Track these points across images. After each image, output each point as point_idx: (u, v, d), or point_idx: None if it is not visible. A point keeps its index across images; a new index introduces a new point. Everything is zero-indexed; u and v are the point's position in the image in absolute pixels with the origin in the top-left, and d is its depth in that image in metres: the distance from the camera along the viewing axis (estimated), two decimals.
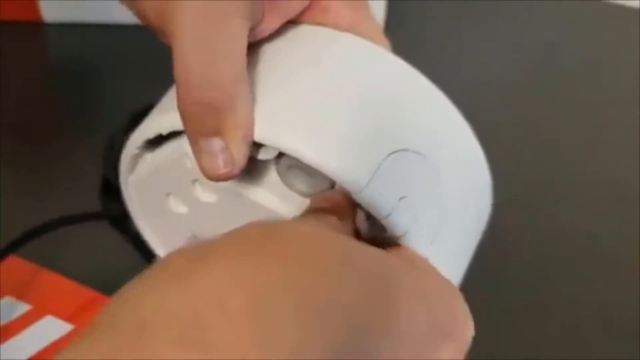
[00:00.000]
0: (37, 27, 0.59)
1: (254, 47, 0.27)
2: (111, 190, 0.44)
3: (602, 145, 0.51)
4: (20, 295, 0.39)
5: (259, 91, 0.26)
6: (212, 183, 0.28)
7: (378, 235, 0.27)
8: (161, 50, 0.26)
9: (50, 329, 0.37)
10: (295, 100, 0.25)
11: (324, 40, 0.28)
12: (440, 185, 0.27)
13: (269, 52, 0.27)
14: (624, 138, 0.51)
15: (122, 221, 0.41)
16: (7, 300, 0.39)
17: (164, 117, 0.27)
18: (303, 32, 0.28)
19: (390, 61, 0.28)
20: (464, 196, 0.28)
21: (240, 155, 0.25)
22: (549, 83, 0.56)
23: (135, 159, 0.31)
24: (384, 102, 0.26)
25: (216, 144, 0.24)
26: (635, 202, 0.45)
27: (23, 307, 0.38)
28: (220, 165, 0.25)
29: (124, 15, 0.56)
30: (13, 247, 0.38)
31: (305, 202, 0.28)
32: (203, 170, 0.25)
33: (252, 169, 0.28)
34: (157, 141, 0.30)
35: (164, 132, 0.28)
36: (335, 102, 0.26)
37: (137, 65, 0.57)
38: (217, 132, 0.24)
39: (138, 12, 0.26)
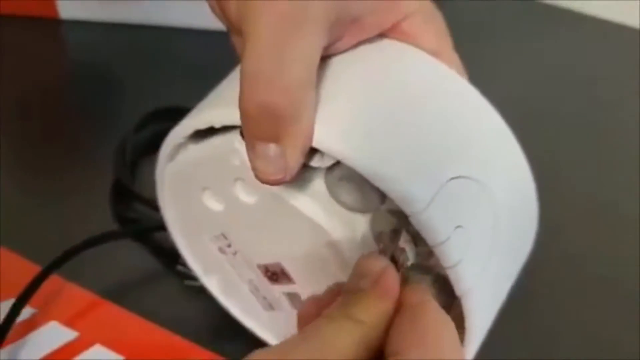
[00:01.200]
0: (53, 23, 0.59)
1: (325, 58, 0.26)
2: (122, 193, 0.43)
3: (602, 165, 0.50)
4: (66, 320, 0.37)
5: (323, 96, 0.25)
6: (256, 184, 0.27)
7: (423, 263, 0.26)
8: (176, 51, 0.26)
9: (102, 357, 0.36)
10: (359, 109, 0.24)
11: (396, 53, 0.27)
12: (496, 216, 0.26)
13: (339, 60, 0.26)
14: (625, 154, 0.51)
15: (144, 233, 0.41)
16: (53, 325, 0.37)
17: (220, 109, 0.26)
18: (377, 43, 0.27)
19: (460, 86, 0.27)
20: (515, 227, 0.28)
21: (295, 163, 0.24)
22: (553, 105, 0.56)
23: (178, 148, 0.30)
24: (450, 126, 0.25)
25: (273, 149, 0.24)
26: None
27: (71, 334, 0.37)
28: (273, 170, 0.24)
29: (141, 15, 0.58)
30: (55, 266, 0.36)
31: (350, 217, 0.27)
32: (255, 171, 0.24)
33: (299, 175, 0.27)
34: (204, 133, 0.29)
35: (217, 125, 0.27)
36: (401, 119, 0.25)
37: (153, 65, 0.56)
38: (276, 138, 0.23)
39: (220, 10, 0.25)
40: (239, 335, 0.36)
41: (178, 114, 0.30)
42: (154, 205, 0.40)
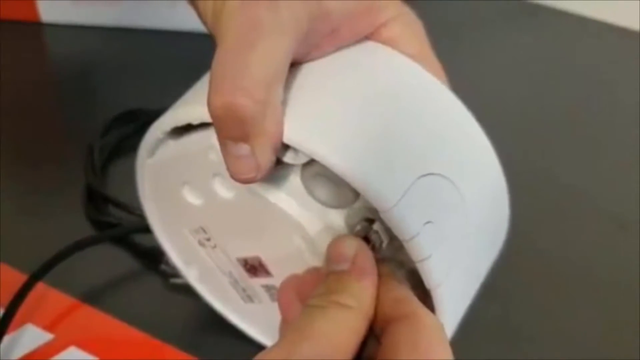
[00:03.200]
0: (35, 27, 0.59)
1: (302, 63, 0.27)
2: (94, 197, 0.44)
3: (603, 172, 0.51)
4: (41, 323, 0.37)
5: (294, 94, 0.25)
6: (234, 180, 0.28)
7: (396, 258, 0.27)
8: (156, 55, 0.26)
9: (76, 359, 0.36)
10: (331, 108, 0.25)
11: (370, 53, 0.27)
12: (465, 214, 0.26)
13: (313, 64, 0.27)
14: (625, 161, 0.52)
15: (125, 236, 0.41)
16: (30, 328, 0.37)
17: (197, 107, 0.27)
18: (354, 45, 0.28)
19: (435, 87, 0.28)
20: (485, 225, 0.28)
21: (264, 161, 0.25)
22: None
23: (158, 143, 0.30)
24: (422, 125, 0.26)
25: (243, 148, 0.24)
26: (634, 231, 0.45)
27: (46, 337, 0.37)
28: (244, 169, 0.25)
29: (122, 18, 0.59)
30: (43, 272, 0.36)
31: (325, 212, 0.27)
32: (229, 171, 0.25)
33: (276, 171, 0.27)
34: (183, 129, 0.29)
35: (195, 122, 0.27)
36: (372, 115, 0.25)
37: (133, 68, 0.56)
38: (245, 138, 0.24)
39: (198, 12, 0.26)
40: (219, 339, 0.37)
41: (140, 116, 0.30)
42: (127, 209, 0.41)
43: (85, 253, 0.38)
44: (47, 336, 0.37)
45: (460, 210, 0.26)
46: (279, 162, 0.27)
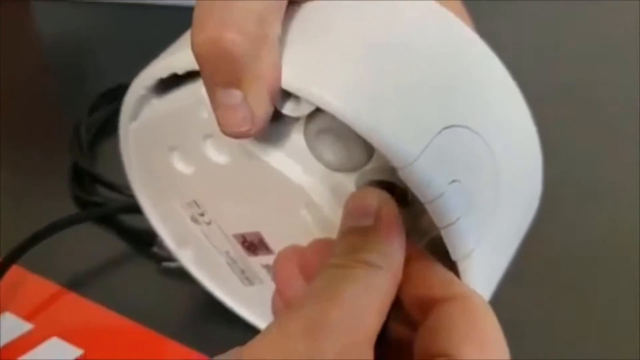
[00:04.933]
0: (23, 3, 0.58)
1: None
2: (81, 177, 0.41)
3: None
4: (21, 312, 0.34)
5: (295, 33, 0.22)
6: (228, 141, 0.24)
7: (415, 226, 0.23)
8: (146, 30, 0.23)
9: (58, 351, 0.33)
10: (339, 48, 0.21)
11: None
12: (496, 174, 0.23)
13: (319, 2, 0.23)
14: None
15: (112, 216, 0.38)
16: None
17: (182, 53, 0.23)
18: None
19: (463, 33, 0.24)
20: (517, 190, 0.25)
21: (261, 110, 0.21)
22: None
23: (141, 103, 0.27)
24: (445, 70, 0.22)
25: (234, 95, 0.21)
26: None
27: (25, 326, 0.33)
28: (238, 120, 0.21)
29: None
30: (15, 257, 0.33)
31: (333, 177, 0.24)
32: (218, 123, 0.21)
33: (277, 130, 0.24)
34: (169, 85, 0.26)
35: (180, 71, 0.23)
36: (388, 59, 0.22)
37: (123, 44, 0.54)
38: (236, 82, 0.20)
39: None
40: (218, 327, 0.33)
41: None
42: (117, 188, 0.38)
43: (69, 235, 0.35)
44: (27, 326, 0.33)
45: (490, 169, 0.23)
46: (278, 117, 0.23)
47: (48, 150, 0.45)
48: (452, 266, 0.22)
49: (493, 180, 0.23)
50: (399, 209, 0.22)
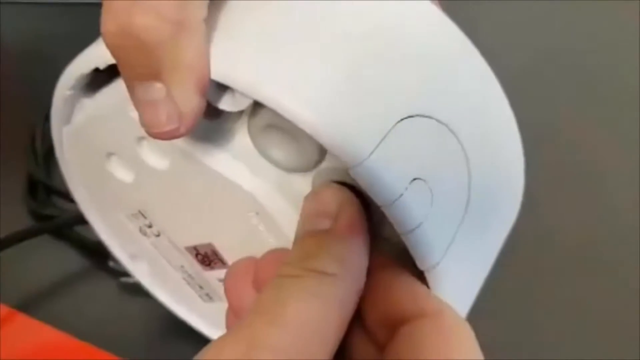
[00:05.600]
0: None
1: None
2: (37, 189, 0.38)
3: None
4: None
5: (228, 20, 0.19)
6: (163, 143, 0.21)
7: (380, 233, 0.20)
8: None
9: None
10: (276, 30, 0.19)
11: None
12: (467, 170, 0.20)
13: None
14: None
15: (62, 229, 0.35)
16: None
17: (102, 45, 0.20)
18: None
19: (431, 16, 0.21)
20: (492, 188, 0.22)
21: (188, 105, 0.18)
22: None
23: (70, 104, 0.24)
24: (404, 53, 0.19)
25: (155, 90, 0.18)
26: None
27: None
28: (161, 119, 0.18)
29: None
30: None
31: (285, 179, 0.21)
32: (142, 123, 0.18)
33: (218, 129, 0.21)
34: (99, 83, 0.23)
35: (101, 65, 0.21)
36: (334, 45, 0.19)
37: (85, 45, 0.51)
38: (155, 75, 0.18)
39: None
40: (177, 348, 0.31)
41: None
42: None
43: (21, 251, 0.32)
44: None
45: (460, 165, 0.20)
46: (219, 114, 0.21)
47: (2, 160, 0.41)
48: (421, 277, 0.19)
49: (463, 178, 0.20)
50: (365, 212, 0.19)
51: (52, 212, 0.37)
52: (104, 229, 0.29)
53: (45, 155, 0.39)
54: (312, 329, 0.16)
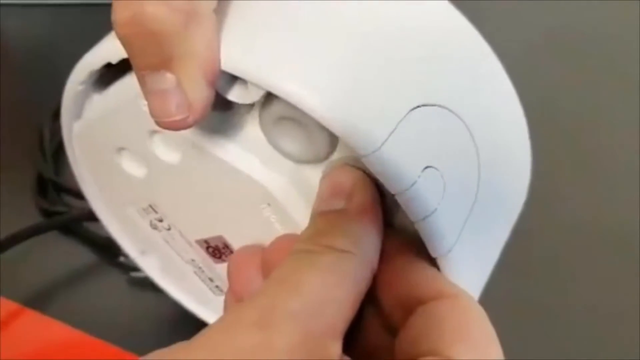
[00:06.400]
0: None
1: None
2: (46, 187, 0.38)
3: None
4: None
5: (239, 12, 0.19)
6: (175, 137, 0.22)
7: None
8: (110, 30, 0.20)
9: None
10: (289, 25, 0.19)
11: None
12: (477, 157, 0.20)
13: None
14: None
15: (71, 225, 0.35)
16: None
17: (114, 39, 0.20)
18: None
19: (440, 4, 0.21)
20: (500, 177, 0.22)
21: (197, 95, 0.18)
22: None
23: (81, 100, 0.24)
24: (417, 45, 0.20)
25: (165, 79, 0.18)
26: None
27: None
28: (171, 108, 0.18)
29: None
30: None
31: (297, 171, 0.21)
32: (152, 114, 0.19)
33: (229, 121, 0.21)
34: (110, 78, 0.23)
35: (113, 60, 0.21)
36: (346, 35, 0.19)
37: (87, 45, 0.51)
38: (166, 64, 0.18)
39: None
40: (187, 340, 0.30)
41: None
42: (83, 195, 0.35)
43: (30, 247, 0.32)
44: None
45: (470, 152, 0.20)
46: (230, 107, 0.21)
47: (11, 159, 0.42)
48: (433, 264, 0.20)
49: (473, 167, 0.20)
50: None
51: (61, 210, 0.37)
52: (114, 224, 0.29)
53: (53, 153, 0.40)
54: (328, 300, 0.16)
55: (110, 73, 0.23)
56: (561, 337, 0.31)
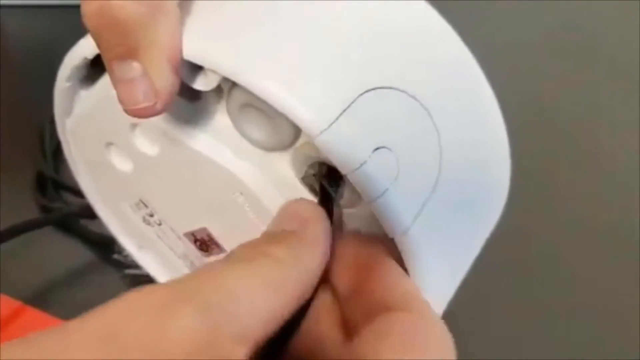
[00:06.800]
0: None
1: None
2: (46, 185, 0.39)
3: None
4: None
5: (200, 6, 0.20)
6: (152, 128, 0.23)
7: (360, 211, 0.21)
8: None
9: None
10: (242, 11, 0.20)
11: None
12: (436, 142, 0.20)
13: None
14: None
15: (68, 222, 0.36)
16: None
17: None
18: None
19: None
20: (468, 166, 0.22)
21: (162, 82, 0.19)
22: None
23: (70, 96, 0.25)
24: (368, 28, 0.20)
25: (132, 68, 0.19)
26: None
27: None
28: (138, 95, 0.19)
29: None
30: None
31: (264, 157, 0.22)
32: (120, 101, 0.20)
33: (199, 111, 0.22)
34: (96, 74, 0.24)
35: (89, 55, 0.22)
36: (299, 21, 0.19)
37: None
38: (132, 54, 0.19)
39: None
40: None
41: None
42: (82, 193, 0.36)
43: (27, 243, 0.33)
44: None
45: (430, 137, 0.20)
46: (200, 97, 0.22)
47: (12, 157, 0.43)
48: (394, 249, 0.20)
49: (434, 151, 0.20)
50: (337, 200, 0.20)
51: (58, 205, 0.38)
52: (111, 220, 0.30)
53: (53, 152, 0.41)
54: (246, 302, 0.16)
55: (97, 70, 0.24)
56: (561, 337, 0.30)
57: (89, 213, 0.31)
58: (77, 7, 0.19)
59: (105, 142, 0.25)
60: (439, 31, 0.22)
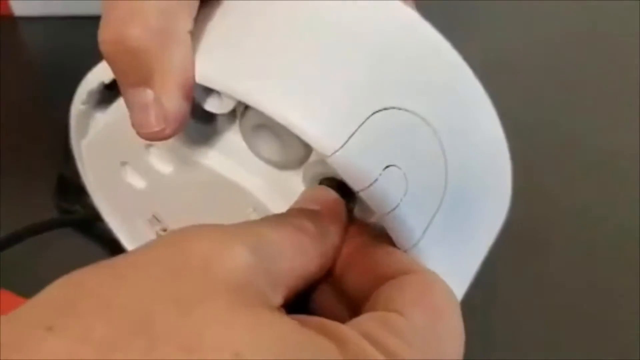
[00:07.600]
0: (8, 22, 0.56)
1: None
2: (68, 188, 0.39)
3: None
4: None
5: (210, 27, 0.21)
6: (167, 148, 0.24)
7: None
8: None
9: None
10: (256, 40, 0.20)
11: None
12: (442, 159, 0.21)
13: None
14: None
15: (86, 224, 0.37)
16: None
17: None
18: None
19: (397, 9, 0.23)
20: (471, 178, 0.23)
21: (173, 108, 0.20)
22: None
23: (85, 119, 0.26)
24: (377, 50, 0.21)
25: (145, 94, 0.20)
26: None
27: None
28: (150, 120, 0.20)
29: (93, 7, 0.55)
30: None
31: (279, 176, 0.23)
32: (133, 125, 0.21)
33: (213, 132, 0.23)
34: (111, 97, 0.25)
35: (106, 80, 0.23)
36: (311, 44, 0.20)
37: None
38: (146, 80, 0.20)
39: None
40: None
41: None
42: None
43: (44, 244, 0.34)
44: None
45: (435, 153, 0.21)
46: (213, 118, 0.23)
47: (35, 161, 0.44)
48: None
49: (439, 166, 0.21)
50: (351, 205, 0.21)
51: (78, 208, 0.38)
52: (126, 236, 0.31)
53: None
54: (283, 252, 0.18)
55: (113, 93, 0.25)
56: (561, 336, 0.31)
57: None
58: (97, 18, 0.20)
59: (120, 161, 0.26)
60: (440, 50, 0.23)
